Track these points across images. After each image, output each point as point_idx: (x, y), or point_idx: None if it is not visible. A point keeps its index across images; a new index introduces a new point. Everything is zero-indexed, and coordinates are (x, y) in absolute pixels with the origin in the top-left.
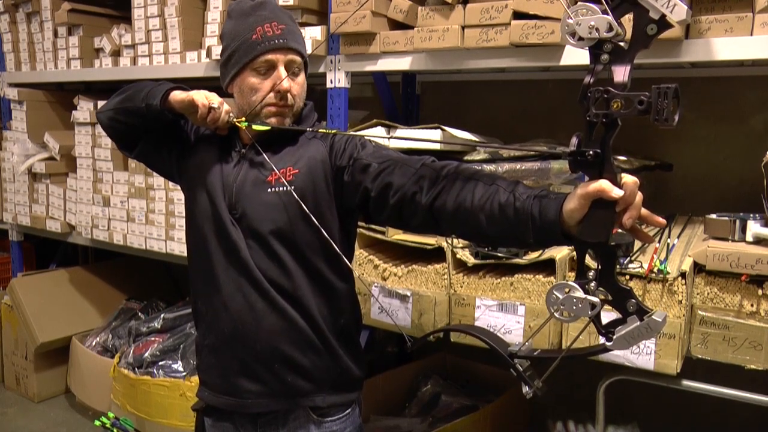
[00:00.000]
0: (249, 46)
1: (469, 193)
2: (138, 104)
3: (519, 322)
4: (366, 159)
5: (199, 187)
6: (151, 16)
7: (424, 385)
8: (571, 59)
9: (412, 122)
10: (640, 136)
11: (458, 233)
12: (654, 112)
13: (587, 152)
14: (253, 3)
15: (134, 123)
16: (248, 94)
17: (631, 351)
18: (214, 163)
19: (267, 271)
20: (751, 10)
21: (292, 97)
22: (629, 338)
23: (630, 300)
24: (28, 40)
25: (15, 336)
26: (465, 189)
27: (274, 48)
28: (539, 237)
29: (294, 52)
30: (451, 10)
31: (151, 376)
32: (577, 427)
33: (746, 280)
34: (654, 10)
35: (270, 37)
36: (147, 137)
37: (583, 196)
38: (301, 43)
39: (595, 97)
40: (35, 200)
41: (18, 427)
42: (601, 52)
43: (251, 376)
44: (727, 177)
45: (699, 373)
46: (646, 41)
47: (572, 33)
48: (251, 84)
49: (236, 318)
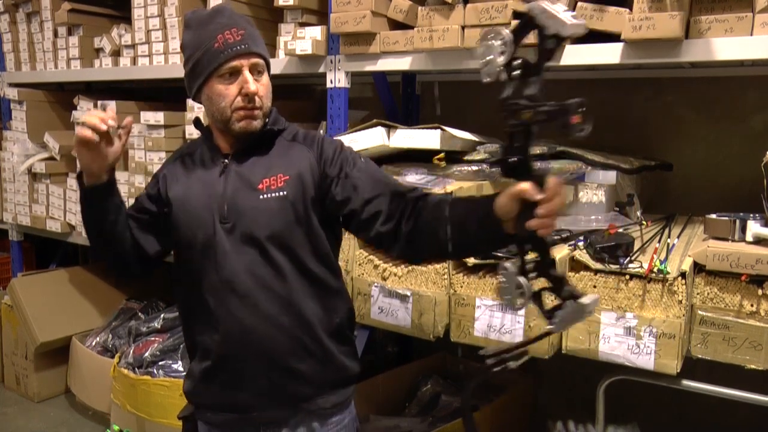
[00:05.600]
0: (212, 55)
1: (433, 215)
2: (84, 217)
3: (519, 322)
4: (357, 179)
5: (184, 209)
6: (151, 16)
7: (424, 385)
8: (571, 59)
9: (412, 122)
10: (640, 136)
11: (426, 255)
12: (560, 124)
13: (510, 159)
14: (210, 11)
15: (102, 229)
16: (217, 101)
17: (631, 351)
18: (197, 182)
19: (264, 277)
20: (751, 10)
21: (259, 98)
22: (566, 320)
23: (565, 287)
24: (28, 40)
25: (15, 336)
26: (432, 213)
27: (237, 54)
28: (487, 236)
29: (256, 56)
30: (451, 10)
31: (151, 376)
32: (577, 427)
33: (746, 280)
34: (550, 28)
35: (232, 44)
36: (139, 244)
37: (506, 195)
38: (262, 45)
39: (510, 110)
40: (35, 200)
41: (18, 427)
42: (512, 69)
43: (252, 390)
44: (727, 177)
45: (699, 373)
46: (548, 54)
47: (484, 58)
48: (218, 91)
49: (232, 335)
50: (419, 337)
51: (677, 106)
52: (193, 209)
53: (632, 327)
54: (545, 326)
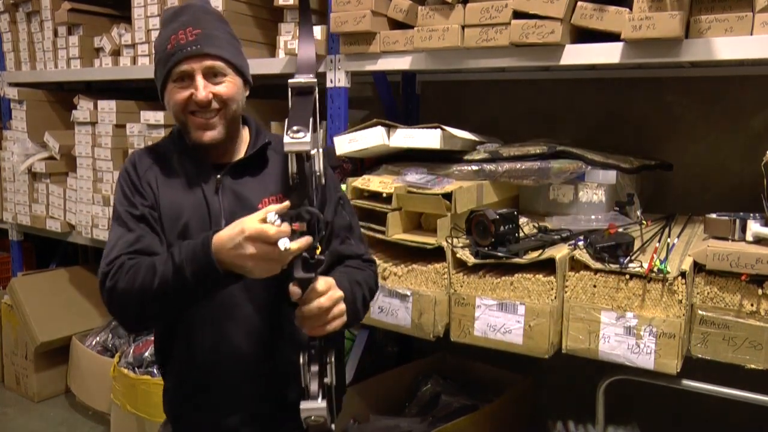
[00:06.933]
0: (165, 58)
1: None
2: (181, 294)
3: (519, 322)
4: (338, 228)
5: (176, 227)
6: (151, 16)
7: (424, 385)
8: (571, 59)
9: (412, 122)
10: (640, 136)
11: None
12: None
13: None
14: (176, 8)
15: (182, 308)
16: (173, 109)
17: (631, 350)
18: (188, 198)
19: (261, 302)
20: (751, 10)
21: (219, 102)
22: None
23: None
24: (28, 40)
25: (15, 336)
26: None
27: (186, 56)
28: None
29: (212, 57)
30: (451, 9)
31: (151, 375)
32: (577, 427)
33: (746, 280)
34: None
35: (183, 45)
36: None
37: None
38: (222, 45)
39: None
40: (35, 200)
41: (18, 427)
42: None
43: (240, 415)
44: (727, 177)
45: (699, 372)
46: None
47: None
48: (174, 98)
49: (225, 359)
50: (419, 336)
51: (677, 106)
52: (187, 229)
53: (632, 327)
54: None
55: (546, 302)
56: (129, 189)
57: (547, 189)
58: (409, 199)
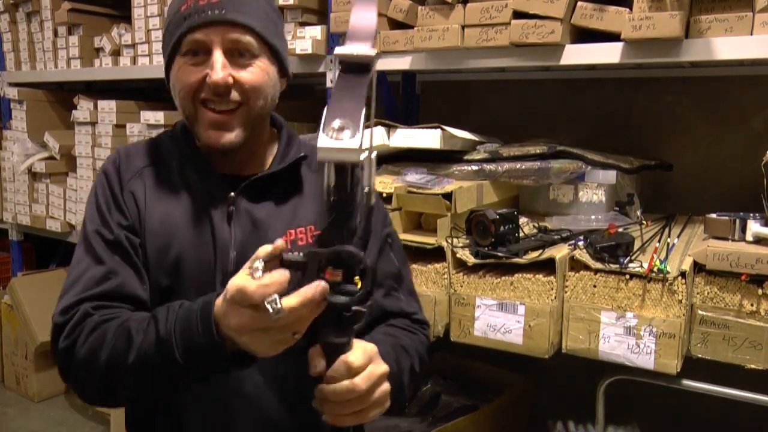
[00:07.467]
0: (177, 22)
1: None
2: (162, 361)
3: (519, 322)
4: (382, 275)
5: (164, 264)
6: (151, 16)
7: (424, 385)
8: (571, 59)
9: (412, 122)
10: (640, 136)
11: None
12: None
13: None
14: None
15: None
16: (179, 94)
17: (631, 350)
18: (186, 222)
19: (272, 361)
20: (751, 10)
21: (241, 93)
22: None
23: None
24: (28, 40)
25: (15, 336)
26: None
27: (204, 22)
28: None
29: (240, 29)
30: (451, 9)
31: None
32: (577, 427)
33: (746, 280)
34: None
35: (201, 8)
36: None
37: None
38: (256, 14)
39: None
40: (35, 200)
41: (18, 427)
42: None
43: None
44: (727, 177)
45: (699, 372)
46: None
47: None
48: (181, 78)
49: (214, 413)
50: None
51: (677, 106)
52: (179, 265)
53: (632, 326)
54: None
55: (546, 302)
56: (105, 201)
57: (547, 189)
58: (409, 199)
